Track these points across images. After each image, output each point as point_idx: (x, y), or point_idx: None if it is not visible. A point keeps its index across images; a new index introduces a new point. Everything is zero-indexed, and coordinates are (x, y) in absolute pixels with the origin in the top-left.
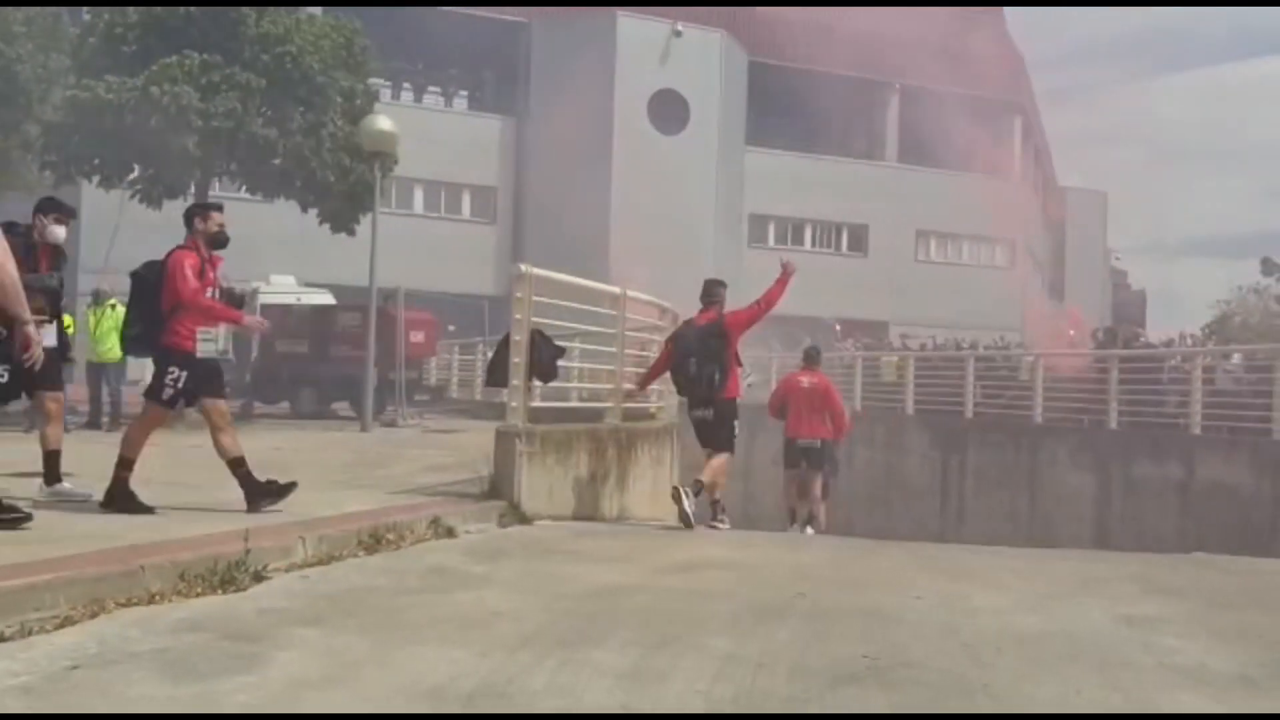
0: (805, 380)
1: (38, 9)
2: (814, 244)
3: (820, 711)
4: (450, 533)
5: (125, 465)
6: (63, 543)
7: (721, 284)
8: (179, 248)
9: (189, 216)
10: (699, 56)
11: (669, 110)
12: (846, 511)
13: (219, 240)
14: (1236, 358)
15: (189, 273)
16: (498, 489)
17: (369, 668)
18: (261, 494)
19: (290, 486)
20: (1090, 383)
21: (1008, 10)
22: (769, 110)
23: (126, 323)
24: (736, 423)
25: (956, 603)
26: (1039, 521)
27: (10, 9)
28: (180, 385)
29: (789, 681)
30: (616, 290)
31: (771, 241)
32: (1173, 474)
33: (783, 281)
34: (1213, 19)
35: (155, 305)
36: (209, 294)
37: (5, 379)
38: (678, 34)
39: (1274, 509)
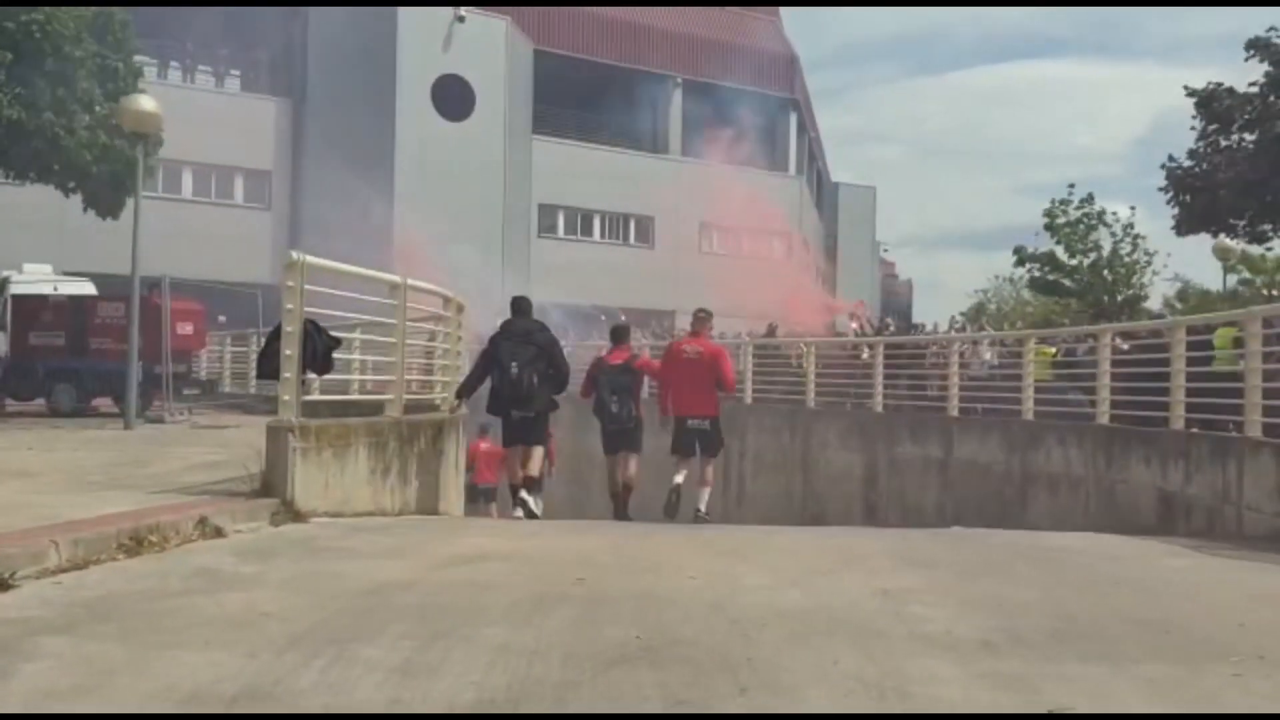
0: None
1: None
2: (602, 234)
3: (593, 695)
4: (219, 532)
5: None
6: None
7: (628, 329)
8: None
9: None
10: (483, 43)
11: (453, 96)
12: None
13: None
14: (988, 343)
15: None
16: (270, 486)
17: (124, 675)
18: None
19: None
20: (859, 368)
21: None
22: (555, 100)
23: None
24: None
25: (727, 582)
26: (812, 500)
27: None
28: None
29: (562, 667)
30: (397, 279)
31: (561, 232)
32: (933, 453)
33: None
34: (959, 24)
35: None
36: None
37: None
38: (460, 20)
39: (1023, 484)
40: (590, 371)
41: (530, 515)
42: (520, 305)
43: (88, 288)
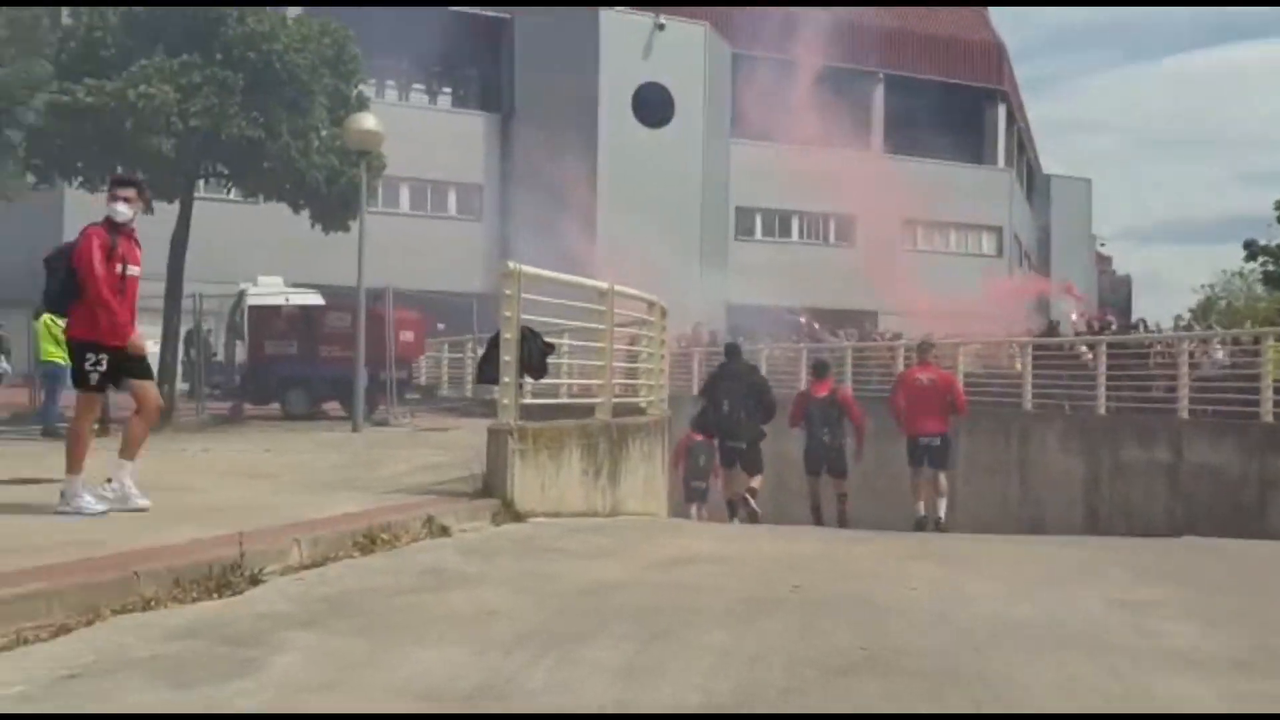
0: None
1: (16, 12)
2: (801, 235)
3: (819, 703)
4: (445, 531)
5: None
6: (50, 551)
7: (829, 364)
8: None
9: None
10: (682, 49)
11: (653, 103)
12: (830, 502)
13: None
14: (1218, 342)
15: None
16: (490, 487)
17: (366, 670)
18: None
19: None
20: (1079, 369)
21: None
22: (754, 102)
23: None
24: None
25: (951, 592)
26: (1029, 505)
27: None
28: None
29: (786, 674)
30: (604, 285)
31: (759, 233)
32: (1161, 457)
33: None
34: (1175, 6)
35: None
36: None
37: None
38: (660, 27)
39: (1261, 490)
40: (799, 403)
41: (751, 517)
42: (733, 350)
43: (316, 299)
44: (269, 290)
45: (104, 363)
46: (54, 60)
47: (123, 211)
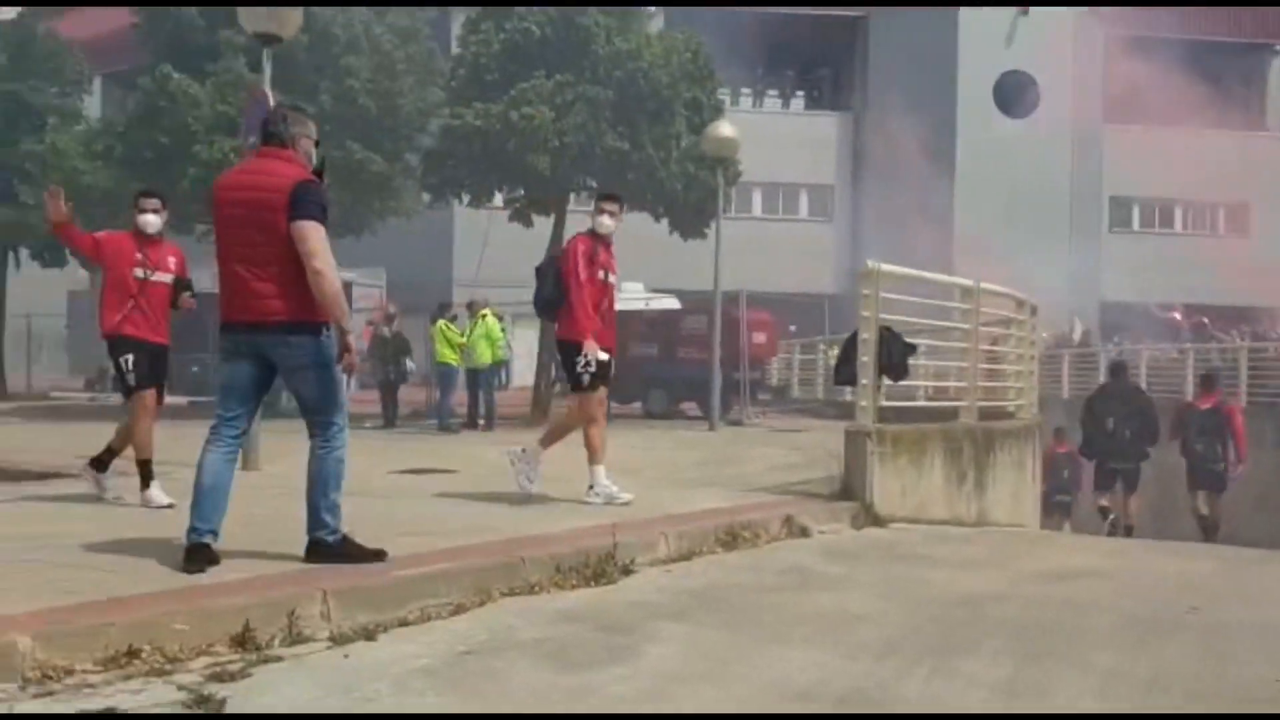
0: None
1: (414, 46)
2: (1185, 226)
3: None
4: (804, 532)
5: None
6: (452, 535)
7: (1217, 376)
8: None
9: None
10: (1048, 35)
11: (1016, 92)
12: (1230, 518)
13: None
14: None
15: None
16: (849, 489)
17: (736, 665)
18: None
19: None
20: None
21: None
22: (1129, 84)
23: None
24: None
25: None
26: None
27: (392, 49)
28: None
29: (1189, 702)
30: (969, 283)
31: (1136, 225)
32: None
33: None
34: None
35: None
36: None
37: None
38: (1024, 13)
39: None
40: (1179, 415)
41: (1126, 531)
42: (1118, 368)
43: (673, 303)
44: (631, 295)
45: (594, 363)
46: (445, 87)
47: (606, 224)
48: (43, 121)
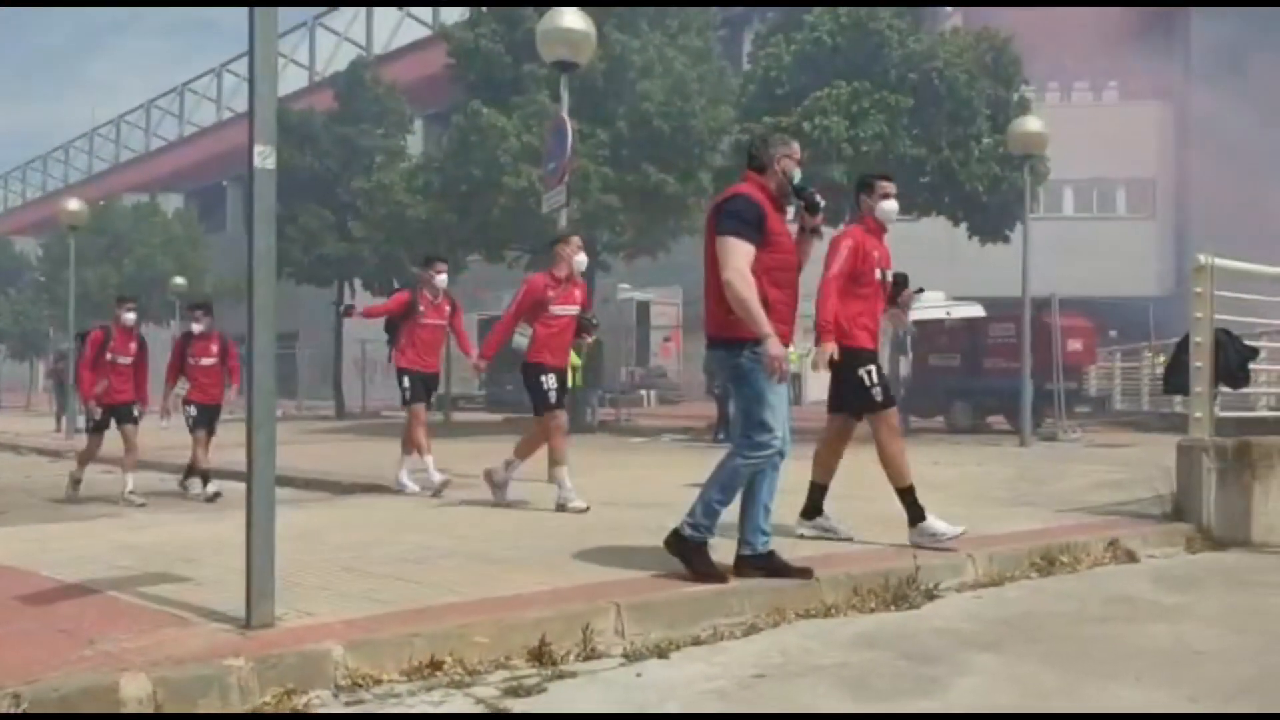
0: None
1: (705, 66)
2: None
3: None
4: (1131, 557)
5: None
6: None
7: None
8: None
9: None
10: None
11: None
12: None
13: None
14: None
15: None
16: (1182, 510)
17: (1058, 702)
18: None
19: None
20: None
21: None
22: None
23: None
24: None
25: None
26: None
27: (684, 70)
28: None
29: None
30: None
31: None
32: None
33: None
34: None
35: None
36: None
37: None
38: None
39: None
40: None
41: None
42: None
43: (977, 310)
44: (931, 304)
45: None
46: (736, 104)
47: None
48: (370, 161)
